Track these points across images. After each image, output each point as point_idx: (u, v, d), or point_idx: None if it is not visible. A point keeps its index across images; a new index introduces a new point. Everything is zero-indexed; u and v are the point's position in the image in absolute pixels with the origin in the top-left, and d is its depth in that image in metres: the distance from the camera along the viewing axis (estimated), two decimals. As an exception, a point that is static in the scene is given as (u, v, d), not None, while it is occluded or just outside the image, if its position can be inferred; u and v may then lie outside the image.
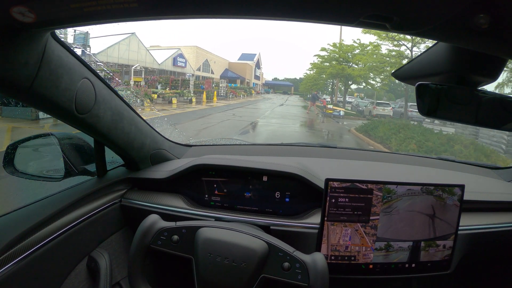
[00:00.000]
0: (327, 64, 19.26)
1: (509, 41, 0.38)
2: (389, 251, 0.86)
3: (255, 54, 52.54)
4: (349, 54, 17.94)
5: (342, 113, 15.91)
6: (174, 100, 15.02)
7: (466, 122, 0.58)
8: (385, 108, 16.30)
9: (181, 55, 27.80)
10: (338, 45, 18.56)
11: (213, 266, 0.68)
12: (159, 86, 19.57)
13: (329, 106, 17.37)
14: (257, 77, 52.82)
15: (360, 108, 18.75)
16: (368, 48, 15.72)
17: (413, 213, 0.85)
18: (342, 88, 21.00)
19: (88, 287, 0.86)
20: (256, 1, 0.38)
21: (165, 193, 1.03)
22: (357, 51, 17.29)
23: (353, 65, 17.65)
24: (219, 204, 1.00)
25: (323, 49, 19.44)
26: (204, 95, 19.71)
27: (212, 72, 36.50)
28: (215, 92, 22.80)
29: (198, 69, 32.69)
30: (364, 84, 18.69)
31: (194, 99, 17.36)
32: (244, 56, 51.46)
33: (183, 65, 28.12)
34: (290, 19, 0.41)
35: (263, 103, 25.14)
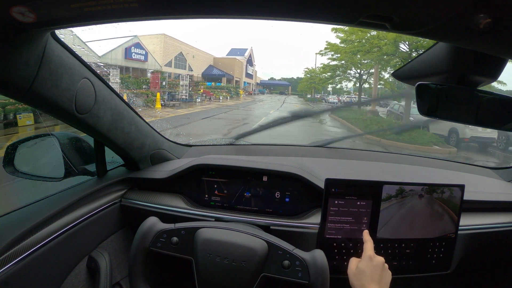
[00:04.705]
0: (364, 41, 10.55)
1: (509, 41, 0.38)
2: (389, 251, 0.86)
3: (246, 49, 42.97)
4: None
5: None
6: (25, 120, 6.63)
7: (466, 122, 0.58)
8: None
9: (138, 45, 19.64)
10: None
11: (213, 266, 0.68)
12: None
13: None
14: (249, 75, 43.85)
15: (412, 118, 9.14)
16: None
17: (413, 213, 0.85)
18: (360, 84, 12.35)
19: (88, 287, 0.86)
20: (256, 1, 0.38)
21: (165, 193, 1.03)
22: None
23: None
24: (219, 204, 1.00)
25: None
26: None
27: (190, 69, 26.89)
28: (158, 95, 14.27)
29: (168, 64, 23.75)
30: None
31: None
32: (234, 52, 41.58)
33: (142, 58, 20.13)
34: (290, 19, 0.41)
35: (242, 111, 15.35)
